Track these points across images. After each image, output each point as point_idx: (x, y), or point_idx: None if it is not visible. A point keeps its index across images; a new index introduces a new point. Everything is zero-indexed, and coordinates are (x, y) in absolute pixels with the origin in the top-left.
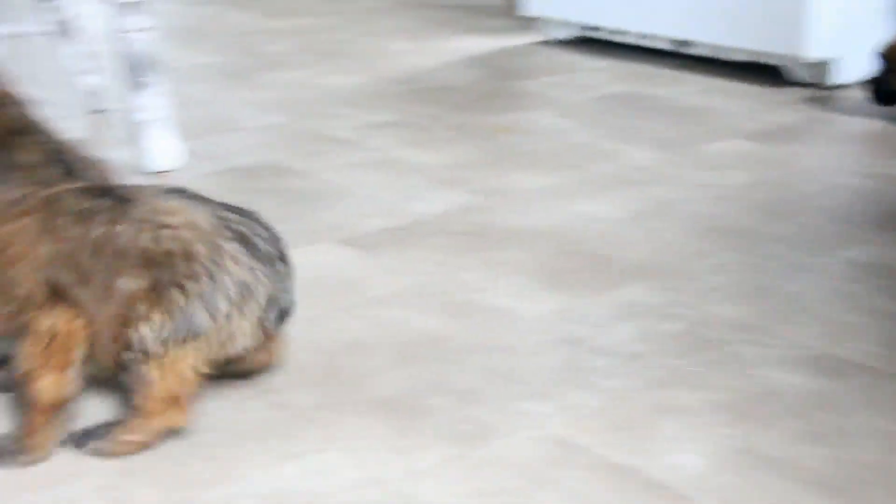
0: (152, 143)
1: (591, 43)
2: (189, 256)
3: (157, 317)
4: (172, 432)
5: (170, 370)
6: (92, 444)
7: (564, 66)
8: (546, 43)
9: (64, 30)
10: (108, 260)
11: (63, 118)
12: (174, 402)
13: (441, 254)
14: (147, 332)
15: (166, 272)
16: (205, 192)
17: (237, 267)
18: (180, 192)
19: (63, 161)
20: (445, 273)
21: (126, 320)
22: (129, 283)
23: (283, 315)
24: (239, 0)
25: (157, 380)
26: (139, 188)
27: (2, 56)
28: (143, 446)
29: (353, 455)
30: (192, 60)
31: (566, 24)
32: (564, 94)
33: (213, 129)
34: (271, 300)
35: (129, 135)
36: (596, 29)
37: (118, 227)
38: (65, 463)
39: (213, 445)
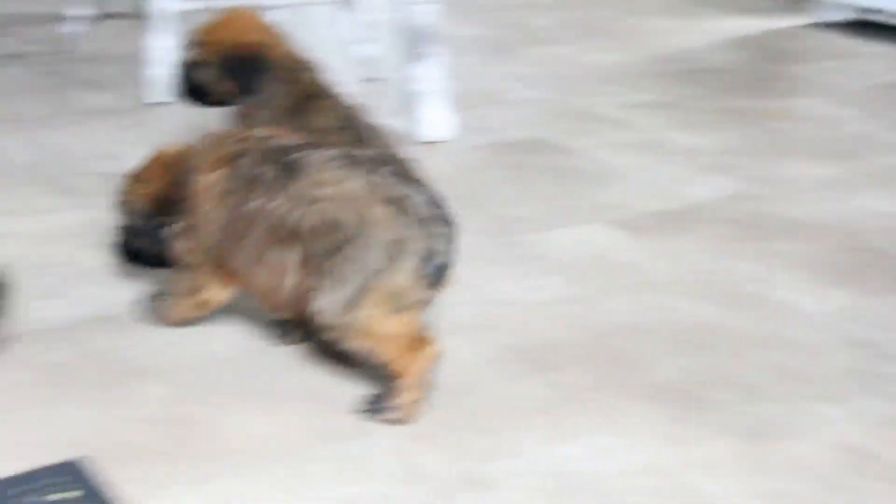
0: (426, 114)
1: (869, 27)
2: (335, 227)
3: (323, 288)
4: (431, 379)
5: (370, 333)
6: (382, 416)
7: (839, 50)
8: (817, 25)
9: (346, 0)
10: (260, 232)
11: (339, 86)
12: (407, 351)
13: (714, 241)
14: (322, 305)
15: (316, 245)
16: (473, 166)
17: (386, 229)
18: (348, 157)
19: (354, 127)
20: (720, 261)
21: (299, 293)
22: (281, 256)
23: (441, 270)
24: None
25: (373, 346)
26: (309, 154)
27: (285, 24)
28: (419, 403)
29: (629, 440)
30: (458, 33)
31: (841, 5)
32: (840, 81)
33: (481, 101)
34: (426, 256)
35: (404, 104)
36: (877, 12)
37: (273, 203)
38: (355, 424)
39: (493, 418)
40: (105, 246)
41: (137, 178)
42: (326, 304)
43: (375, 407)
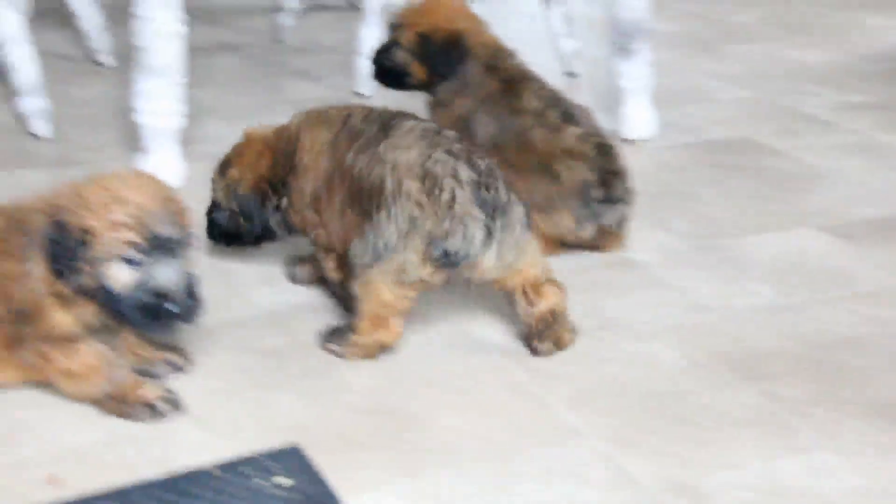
0: (631, 111)
1: None
2: (380, 191)
3: (358, 238)
4: (384, 348)
5: (369, 291)
6: (329, 345)
7: None
8: None
9: None
10: (346, 185)
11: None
12: (380, 321)
13: None
14: (352, 253)
15: (366, 204)
16: (674, 165)
17: (409, 203)
18: (432, 131)
19: (560, 107)
20: None
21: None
22: (352, 210)
23: (449, 256)
24: None
25: (362, 298)
26: (404, 121)
27: (486, 15)
28: (363, 356)
29: (854, 459)
30: (656, 28)
31: None
32: None
33: (682, 99)
34: (434, 239)
35: (606, 100)
36: None
37: (359, 157)
38: (563, 426)
39: (702, 427)
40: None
41: (239, 159)
42: (354, 255)
43: (332, 338)
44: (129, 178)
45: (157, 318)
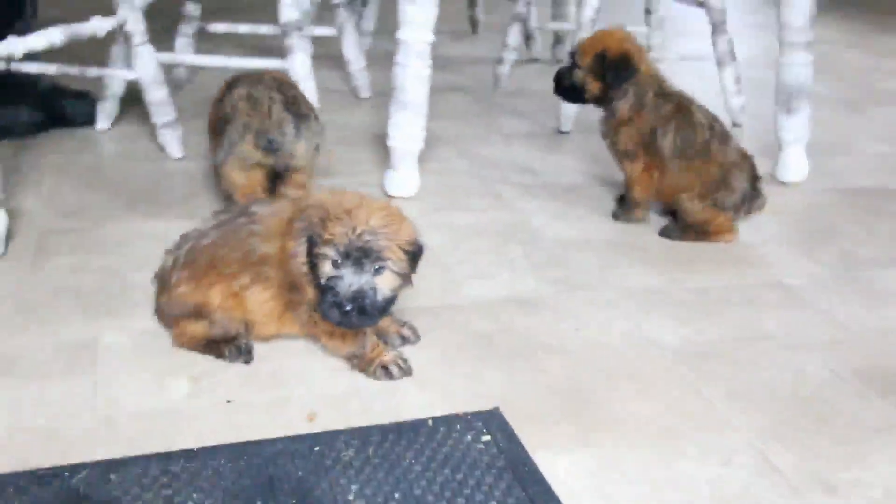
0: (788, 158)
1: None
2: (226, 116)
3: (218, 149)
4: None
5: (225, 175)
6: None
7: None
8: None
9: (725, 56)
10: (210, 120)
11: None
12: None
13: None
14: (215, 158)
15: (220, 127)
16: (823, 207)
17: (242, 116)
18: (274, 80)
19: (719, 121)
20: None
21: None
22: (214, 134)
23: (271, 143)
24: (853, 40)
25: (229, 187)
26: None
27: (671, 73)
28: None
29: None
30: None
31: None
32: None
33: (833, 150)
34: (259, 133)
35: (766, 147)
36: None
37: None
38: (719, 417)
39: (845, 432)
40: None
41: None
42: (217, 158)
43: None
44: (366, 202)
45: (335, 313)
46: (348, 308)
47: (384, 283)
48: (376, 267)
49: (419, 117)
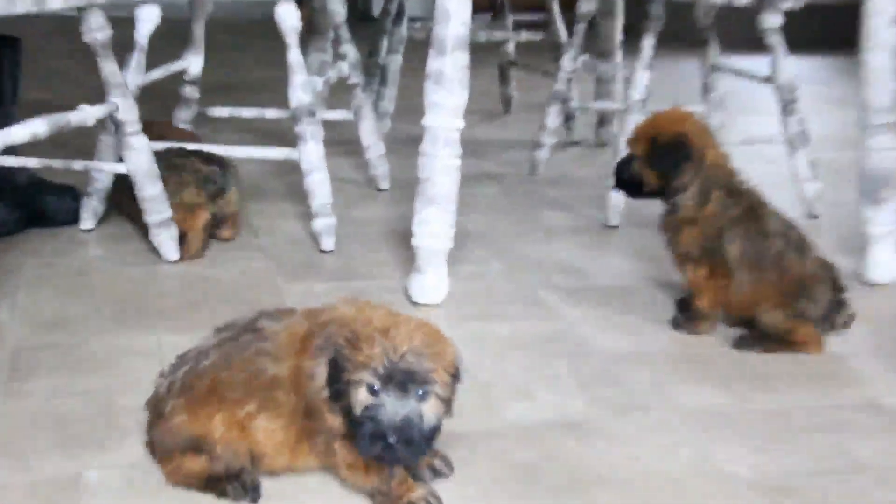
0: (877, 256)
1: None
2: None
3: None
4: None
5: (179, 216)
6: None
7: None
8: None
9: (797, 138)
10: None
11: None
12: (187, 222)
13: None
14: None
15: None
16: None
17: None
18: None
19: (795, 228)
20: None
21: None
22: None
23: (215, 190)
24: None
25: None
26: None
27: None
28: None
29: None
30: None
31: None
32: None
33: None
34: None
35: (848, 243)
36: None
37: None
38: None
39: None
40: (567, 355)
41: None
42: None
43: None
44: (401, 319)
45: (377, 446)
46: (392, 440)
47: (430, 411)
48: (420, 392)
49: (448, 213)
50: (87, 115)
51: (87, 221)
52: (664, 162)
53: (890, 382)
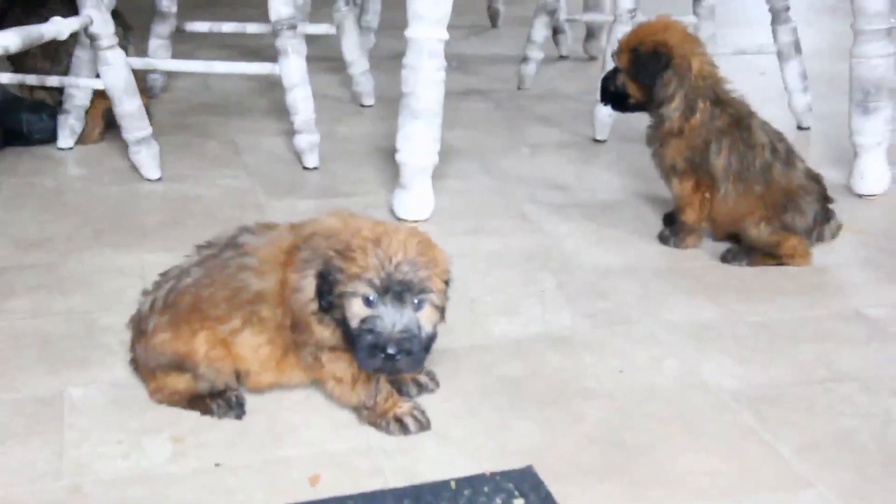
0: (866, 167)
1: None
2: None
3: None
4: None
5: None
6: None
7: None
8: None
9: (788, 47)
10: None
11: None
12: None
13: None
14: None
15: None
16: None
17: None
18: None
19: (783, 140)
20: None
21: None
22: None
23: None
24: None
25: None
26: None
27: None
28: None
29: None
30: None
31: None
32: None
33: None
34: None
35: (837, 154)
36: None
37: None
38: (792, 473)
39: None
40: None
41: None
42: None
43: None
44: (390, 228)
45: (377, 359)
46: (392, 351)
47: (426, 320)
48: (416, 301)
49: (433, 128)
50: (60, 28)
51: (65, 140)
52: (646, 72)
53: (876, 293)
